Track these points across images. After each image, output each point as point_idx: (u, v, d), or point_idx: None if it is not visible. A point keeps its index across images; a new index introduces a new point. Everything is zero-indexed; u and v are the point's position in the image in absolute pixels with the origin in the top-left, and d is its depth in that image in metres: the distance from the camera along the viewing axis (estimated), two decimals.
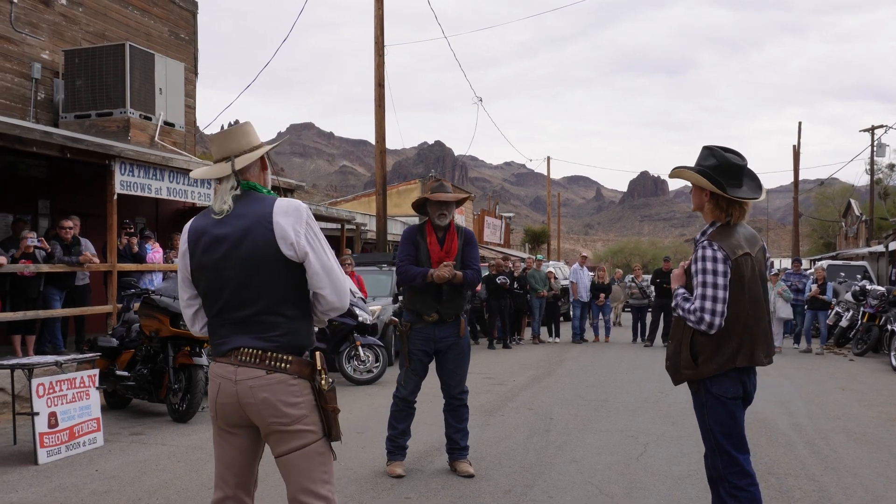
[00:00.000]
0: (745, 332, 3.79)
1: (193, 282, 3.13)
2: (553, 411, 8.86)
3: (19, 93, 13.23)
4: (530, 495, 5.54)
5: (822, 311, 16.97)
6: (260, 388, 2.92)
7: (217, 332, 3.07)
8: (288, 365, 2.95)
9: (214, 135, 3.21)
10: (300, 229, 2.96)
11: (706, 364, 3.78)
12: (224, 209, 3.03)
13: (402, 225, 29.81)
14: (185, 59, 16.51)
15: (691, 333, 3.81)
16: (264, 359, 2.94)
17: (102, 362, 8.65)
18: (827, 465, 6.52)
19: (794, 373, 12.98)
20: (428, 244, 6.06)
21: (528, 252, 47.33)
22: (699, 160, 3.90)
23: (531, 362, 14.13)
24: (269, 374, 2.93)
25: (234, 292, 2.98)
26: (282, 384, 2.93)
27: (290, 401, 2.93)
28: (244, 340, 2.98)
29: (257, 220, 2.96)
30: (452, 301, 6.03)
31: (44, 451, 6.51)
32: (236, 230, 2.98)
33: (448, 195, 6.12)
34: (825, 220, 57.16)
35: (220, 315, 3.04)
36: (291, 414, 2.93)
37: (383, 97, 19.30)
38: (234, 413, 3.01)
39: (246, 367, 2.95)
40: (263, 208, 2.99)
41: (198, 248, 3.06)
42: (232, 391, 2.97)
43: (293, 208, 2.99)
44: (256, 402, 2.93)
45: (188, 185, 12.61)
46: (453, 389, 6.12)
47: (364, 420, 8.32)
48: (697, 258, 3.77)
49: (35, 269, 10.04)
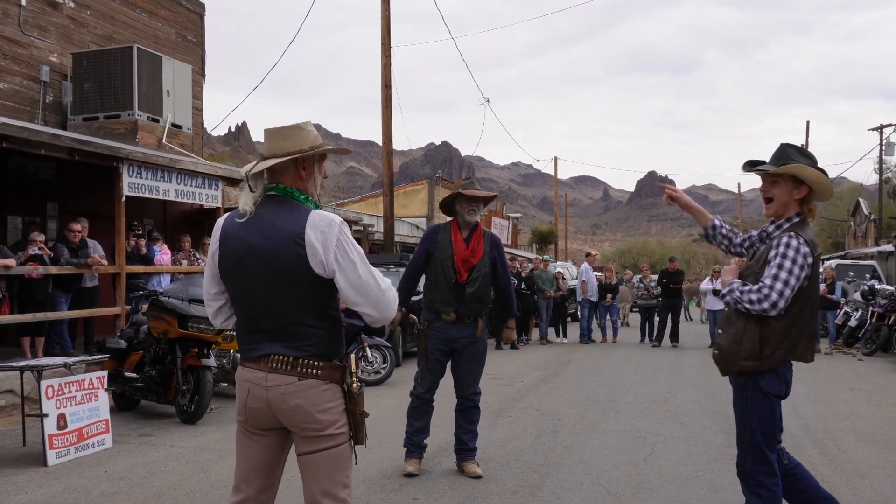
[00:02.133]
0: (806, 328, 3.79)
1: (224, 284, 3.08)
2: (561, 412, 8.85)
3: (28, 95, 13.28)
4: (538, 496, 5.54)
5: (830, 311, 16.92)
6: (292, 394, 2.90)
7: (247, 336, 3.03)
8: (319, 371, 2.92)
9: (266, 130, 3.09)
10: (330, 246, 2.87)
11: (770, 357, 3.74)
12: (246, 211, 2.97)
13: (409, 226, 29.84)
14: (193, 60, 16.55)
15: (758, 324, 3.74)
16: (296, 366, 2.91)
17: (111, 364, 8.67)
18: (836, 465, 6.49)
19: (803, 373, 12.92)
20: (453, 242, 6.05)
21: (535, 252, 47.29)
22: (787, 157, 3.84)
23: (539, 363, 14.12)
24: (300, 380, 2.90)
25: (263, 304, 2.95)
26: (314, 389, 2.91)
27: (323, 406, 2.92)
28: (275, 348, 2.94)
29: (289, 236, 2.88)
30: (473, 303, 6.03)
31: (53, 453, 6.53)
32: (268, 243, 2.90)
33: (480, 191, 6.16)
34: (834, 220, 56.94)
35: (250, 321, 3.01)
36: (324, 420, 2.92)
37: (390, 98, 19.32)
38: (265, 417, 2.98)
39: (277, 373, 2.92)
40: (297, 221, 2.89)
41: (227, 251, 3.00)
42: (263, 397, 2.94)
43: (326, 223, 2.88)
44: (289, 409, 2.91)
45: (196, 186, 12.64)
46: (466, 390, 6.13)
47: (371, 421, 8.27)
48: (782, 244, 3.71)
49: (44, 271, 10.07)
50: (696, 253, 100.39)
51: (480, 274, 6.02)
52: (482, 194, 6.15)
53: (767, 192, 3.89)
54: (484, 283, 6.07)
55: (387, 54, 19.31)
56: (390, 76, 19.37)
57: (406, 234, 28.37)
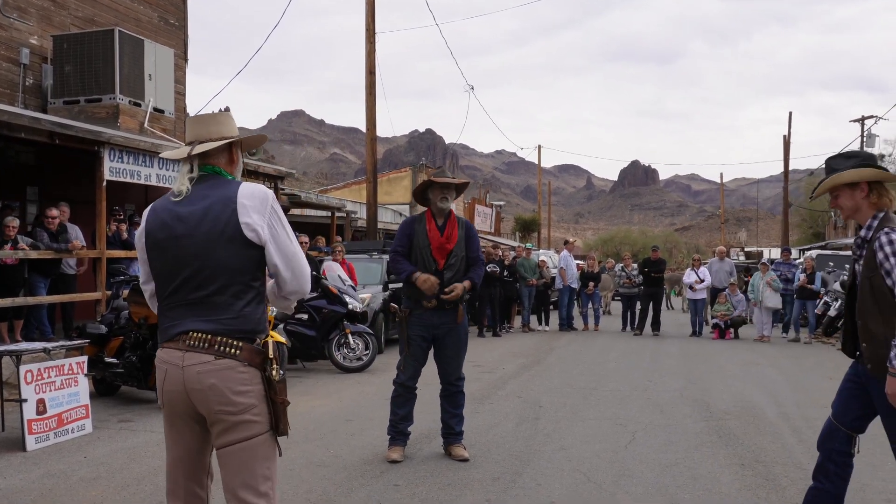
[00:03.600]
0: None
1: (149, 261, 3.04)
2: (542, 399, 8.89)
3: (7, 78, 13.13)
4: (519, 483, 5.56)
5: (810, 301, 17.06)
6: (208, 373, 2.83)
7: (167, 314, 2.98)
8: (238, 351, 2.85)
9: (189, 118, 3.20)
10: (265, 213, 2.91)
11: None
12: (182, 191, 2.98)
13: (392, 213, 29.82)
14: (175, 45, 16.40)
15: None
16: (213, 343, 2.85)
17: (91, 349, 8.63)
18: (814, 453, 6.50)
19: (783, 362, 13.05)
20: (428, 231, 6.13)
21: (518, 240, 47.36)
22: (836, 165, 3.89)
23: (520, 350, 14.16)
24: (217, 359, 2.83)
25: (191, 270, 2.90)
26: (231, 370, 2.83)
27: (239, 388, 2.84)
28: (194, 324, 2.88)
29: (220, 200, 2.91)
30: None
31: (32, 438, 6.49)
32: (198, 209, 2.93)
33: (451, 178, 6.24)
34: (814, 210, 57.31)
35: (172, 296, 2.95)
36: (239, 402, 2.84)
37: (374, 85, 19.24)
38: (181, 402, 2.92)
39: (194, 351, 2.85)
40: (228, 191, 2.95)
41: (154, 225, 2.99)
42: (178, 378, 2.88)
43: (259, 192, 2.96)
44: (203, 389, 2.83)
45: (178, 171, 12.54)
46: (450, 376, 6.20)
47: (353, 408, 8.32)
48: (884, 243, 3.62)
49: (24, 255, 9.99)
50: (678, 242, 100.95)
51: (457, 259, 6.13)
52: (454, 181, 6.23)
53: (837, 208, 3.95)
54: (462, 268, 6.15)
55: (371, 40, 19.22)
56: (374, 63, 19.29)
57: (389, 220, 28.35)
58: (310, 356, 11.21)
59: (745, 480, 5.70)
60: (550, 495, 5.30)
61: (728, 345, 16.04)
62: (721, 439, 7.01)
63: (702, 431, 7.28)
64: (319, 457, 6.22)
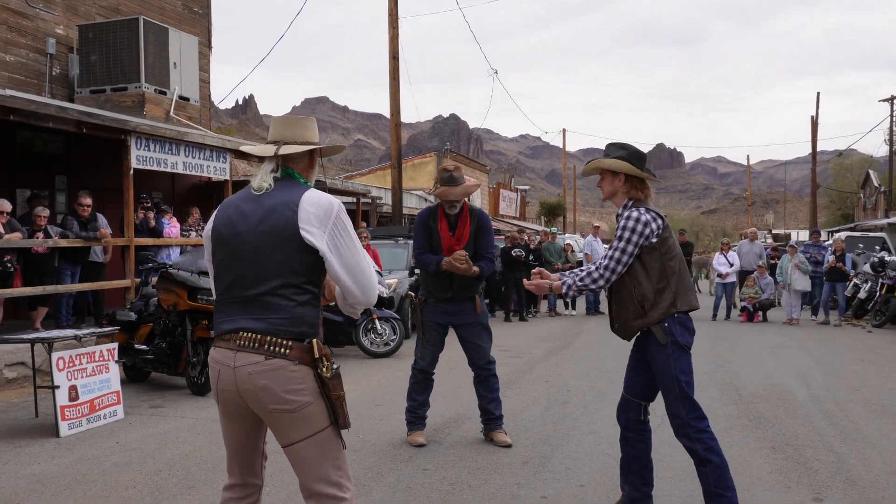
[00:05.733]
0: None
1: (212, 254, 3.09)
2: (570, 383, 8.86)
3: (34, 68, 13.24)
4: (548, 466, 5.56)
5: (840, 283, 16.85)
6: (259, 374, 2.84)
7: (222, 310, 3.01)
8: (288, 350, 2.85)
9: (276, 118, 3.24)
10: (327, 223, 2.92)
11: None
12: (263, 186, 3.02)
13: (417, 198, 29.79)
14: (199, 32, 16.46)
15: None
16: (263, 343, 2.85)
17: (121, 336, 8.72)
18: (846, 436, 6.49)
19: (813, 345, 12.92)
20: (439, 230, 6.08)
21: (543, 225, 47.22)
22: (609, 152, 4.40)
23: (547, 335, 14.13)
24: (268, 359, 2.84)
25: (247, 266, 2.93)
26: (282, 370, 2.84)
27: (292, 387, 2.85)
28: (245, 322, 2.90)
29: (284, 202, 2.94)
30: (465, 286, 6.07)
31: (65, 424, 6.58)
32: (261, 207, 2.97)
33: (456, 191, 6.02)
34: (843, 192, 56.71)
35: (228, 291, 2.98)
36: (294, 401, 2.85)
37: (398, 70, 19.20)
38: (235, 401, 2.94)
39: (245, 351, 2.87)
40: (294, 194, 2.97)
41: (222, 221, 3.05)
42: (231, 378, 2.90)
43: (325, 201, 2.96)
44: (255, 389, 2.85)
45: (204, 159, 12.62)
46: (479, 360, 6.19)
47: (382, 392, 8.35)
48: (623, 217, 4.33)
49: (53, 244, 10.09)
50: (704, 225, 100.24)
51: (469, 258, 6.00)
52: (457, 197, 6.04)
53: (599, 186, 4.48)
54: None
55: (394, 25, 19.16)
56: (398, 48, 19.24)
57: (414, 206, 28.32)
58: (337, 342, 11.25)
59: (775, 464, 5.66)
60: (580, 479, 5.30)
61: (757, 328, 15.91)
62: (751, 423, 6.96)
63: (731, 415, 7.23)
64: (349, 441, 6.20)
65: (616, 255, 4.17)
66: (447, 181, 6.05)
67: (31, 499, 4.98)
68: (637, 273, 4.19)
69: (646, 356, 4.37)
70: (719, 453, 4.18)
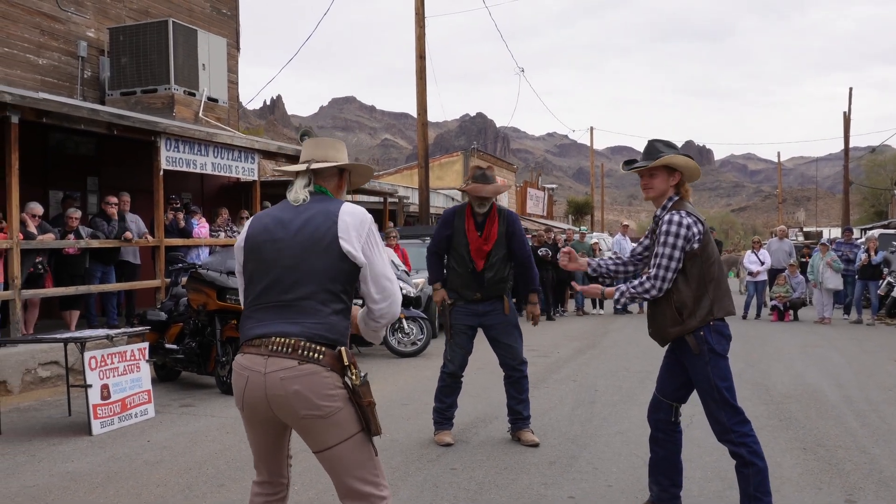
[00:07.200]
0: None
1: (245, 263, 3.09)
2: (597, 383, 8.83)
3: (66, 71, 13.40)
4: (576, 466, 5.54)
5: (872, 282, 16.62)
6: (292, 379, 2.82)
7: (252, 316, 2.99)
8: (322, 356, 2.85)
9: (307, 140, 3.36)
10: (362, 233, 3.01)
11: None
12: (300, 198, 3.09)
13: (444, 198, 29.79)
14: (227, 34, 16.57)
15: None
16: (297, 347, 2.84)
17: (152, 336, 8.81)
18: (878, 436, 6.41)
19: (845, 344, 12.77)
20: (466, 231, 6.07)
21: (570, 224, 47.06)
22: (657, 151, 4.26)
23: (575, 334, 14.09)
24: (301, 364, 2.83)
25: (285, 271, 2.94)
26: (315, 375, 2.83)
27: (325, 392, 2.84)
28: (279, 326, 2.89)
29: (322, 212, 3.02)
30: (494, 286, 6.08)
31: (97, 423, 6.67)
32: (300, 216, 3.03)
33: (487, 188, 6.06)
34: (876, 188, 55.88)
35: (262, 296, 2.97)
36: (326, 406, 2.84)
37: (424, 69, 19.23)
38: (262, 410, 2.92)
39: (276, 356, 2.85)
40: (331, 206, 3.06)
41: (257, 230, 3.08)
42: (260, 384, 2.87)
43: (360, 212, 3.07)
44: (287, 395, 2.83)
45: (232, 160, 12.72)
46: (511, 361, 6.17)
47: (409, 392, 8.37)
48: (665, 221, 4.20)
49: (85, 244, 10.22)
50: (734, 223, 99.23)
51: (498, 258, 6.05)
52: (488, 195, 6.07)
53: (648, 185, 4.32)
54: (502, 266, 6.09)
55: (421, 24, 19.19)
56: (424, 47, 19.27)
57: (441, 205, 28.31)
58: (365, 341, 11.27)
59: (807, 465, 5.60)
60: (607, 479, 5.28)
61: (787, 327, 15.75)
62: (782, 423, 6.89)
63: (762, 415, 7.16)
64: (376, 441, 6.25)
65: (664, 262, 4.10)
66: (479, 178, 6.08)
67: (65, 496, 5.06)
68: (677, 279, 4.14)
69: (682, 359, 4.33)
70: (763, 458, 4.13)
